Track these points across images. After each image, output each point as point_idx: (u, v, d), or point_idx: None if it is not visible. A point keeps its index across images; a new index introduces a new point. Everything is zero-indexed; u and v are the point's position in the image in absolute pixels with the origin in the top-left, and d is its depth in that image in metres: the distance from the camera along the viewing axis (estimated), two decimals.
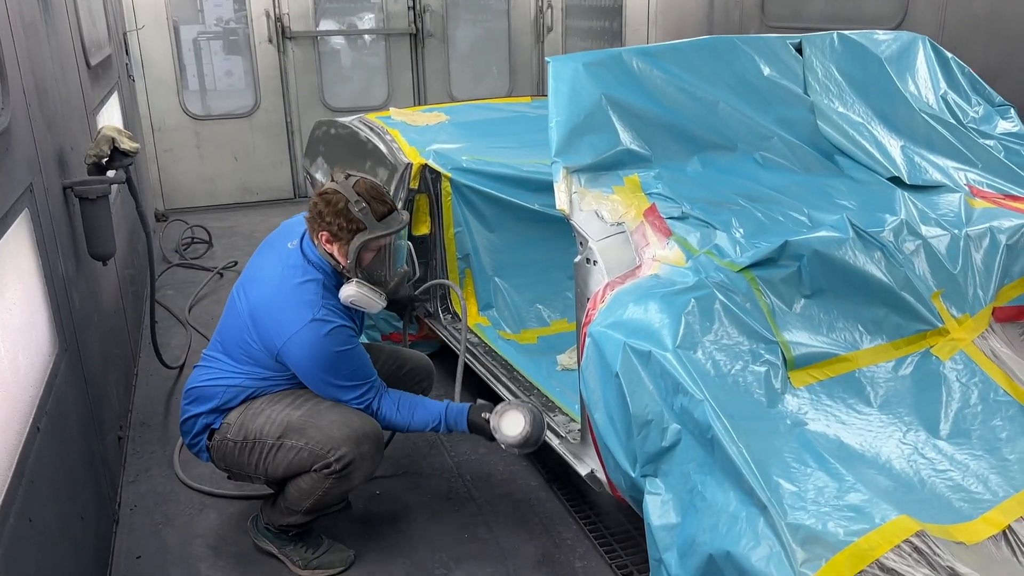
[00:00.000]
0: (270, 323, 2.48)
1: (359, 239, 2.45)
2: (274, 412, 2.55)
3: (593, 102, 2.60)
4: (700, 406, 1.85)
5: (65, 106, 3.30)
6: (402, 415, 2.62)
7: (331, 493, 2.55)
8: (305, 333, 2.43)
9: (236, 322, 2.59)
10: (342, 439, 2.48)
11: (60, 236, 2.73)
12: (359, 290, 2.49)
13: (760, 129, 2.76)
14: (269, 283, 2.54)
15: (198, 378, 2.66)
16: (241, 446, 2.56)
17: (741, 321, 2.06)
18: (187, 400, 2.67)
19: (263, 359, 2.55)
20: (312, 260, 2.54)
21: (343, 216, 2.44)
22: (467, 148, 3.89)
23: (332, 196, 2.47)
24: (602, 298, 2.27)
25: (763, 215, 2.41)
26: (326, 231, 2.48)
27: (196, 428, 2.64)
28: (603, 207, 2.44)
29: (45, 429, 2.13)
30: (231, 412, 2.60)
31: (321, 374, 2.51)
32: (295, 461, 2.51)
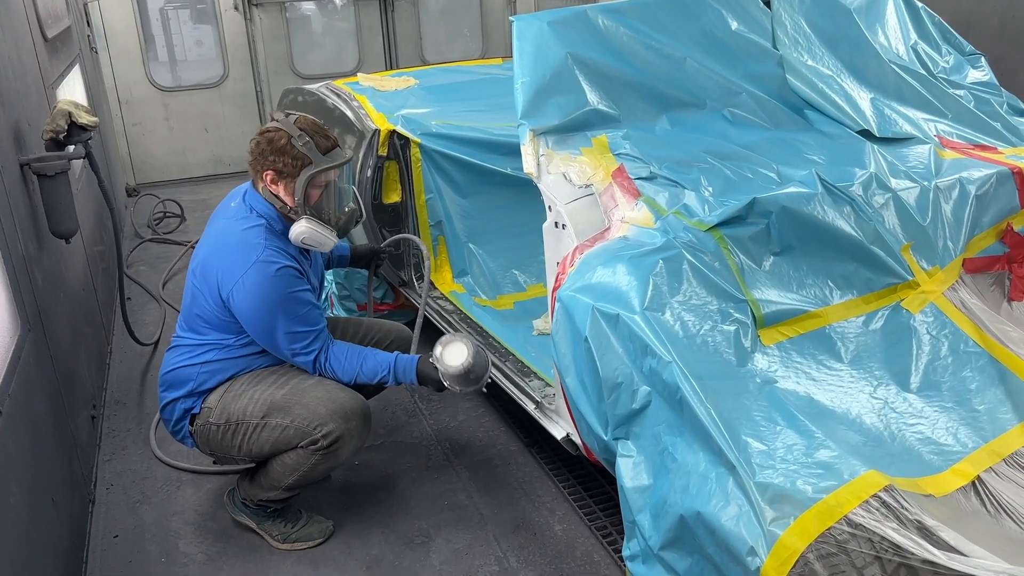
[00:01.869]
0: (216, 274, 2.43)
1: (305, 173, 2.42)
2: (256, 392, 2.52)
3: (559, 62, 2.55)
4: (668, 367, 1.84)
5: (20, 81, 3.20)
6: (350, 365, 2.53)
7: (316, 469, 2.53)
8: (251, 275, 2.37)
9: (191, 291, 2.55)
10: (328, 415, 2.45)
11: (18, 214, 2.66)
12: (309, 226, 2.44)
13: (729, 85, 2.72)
14: (214, 235, 2.51)
15: (169, 363, 2.62)
16: (224, 429, 2.53)
17: (710, 281, 2.05)
18: (163, 387, 2.63)
19: (219, 320, 2.50)
20: (256, 208, 2.50)
21: (287, 153, 2.41)
22: (437, 112, 3.83)
23: (274, 134, 2.44)
24: (571, 262, 2.25)
25: (732, 172, 2.38)
26: (271, 170, 2.44)
27: (176, 414, 2.60)
28: (571, 169, 2.40)
29: (8, 412, 2.09)
30: (210, 395, 2.56)
31: (267, 319, 2.42)
32: (280, 439, 2.49)
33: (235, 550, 2.70)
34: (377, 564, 2.61)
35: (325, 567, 2.61)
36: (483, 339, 3.32)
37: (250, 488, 2.68)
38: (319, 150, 2.44)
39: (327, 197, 2.51)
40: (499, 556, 2.61)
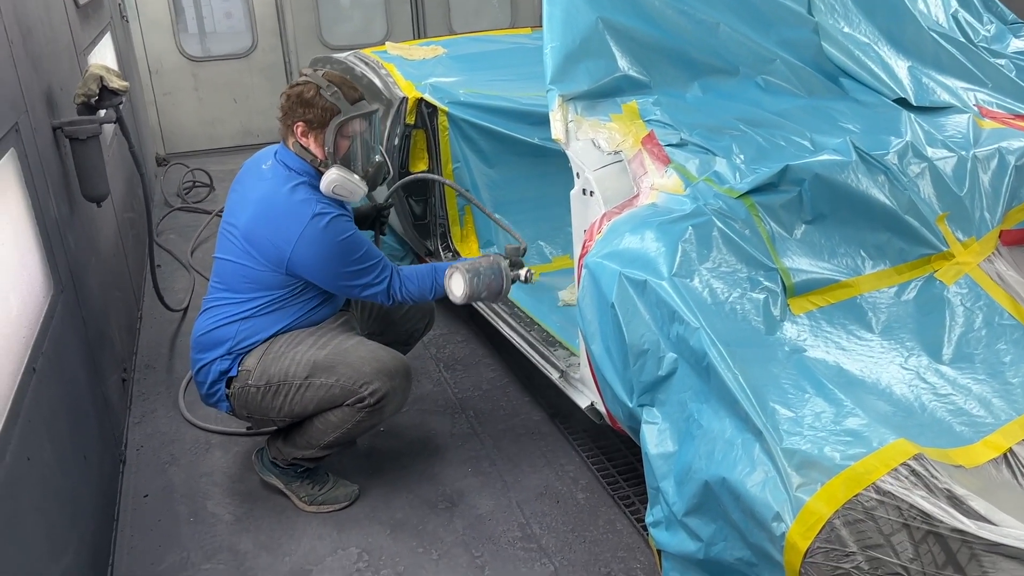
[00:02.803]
0: (272, 235, 2.45)
1: (334, 122, 2.47)
2: (297, 354, 2.53)
3: (589, 26, 2.51)
4: (696, 334, 1.82)
5: (52, 46, 3.23)
6: (423, 281, 2.59)
7: (360, 427, 2.56)
8: (310, 231, 2.41)
9: (233, 253, 2.55)
10: (373, 373, 2.49)
11: (51, 176, 2.69)
12: (340, 174, 2.47)
13: (762, 52, 2.67)
14: (257, 201, 2.51)
15: (204, 324, 2.63)
16: (264, 390, 2.54)
17: (740, 248, 2.02)
18: (197, 350, 2.64)
19: (270, 279, 2.52)
20: (292, 166, 2.53)
21: (316, 104, 2.47)
22: (465, 81, 3.81)
23: (303, 87, 2.49)
24: (599, 229, 2.23)
25: (764, 140, 2.34)
26: (301, 121, 2.49)
27: (211, 376, 2.61)
28: (600, 136, 2.38)
29: (41, 370, 2.12)
30: (247, 358, 2.57)
31: (335, 267, 2.47)
32: (326, 398, 2.51)
33: (261, 511, 2.74)
34: (401, 527, 2.63)
35: (350, 529, 2.64)
36: (509, 309, 3.32)
37: (284, 446, 2.70)
38: (347, 100, 2.48)
39: (356, 148, 2.53)
40: (522, 523, 2.63)
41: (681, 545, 1.87)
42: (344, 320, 2.77)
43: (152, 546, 2.60)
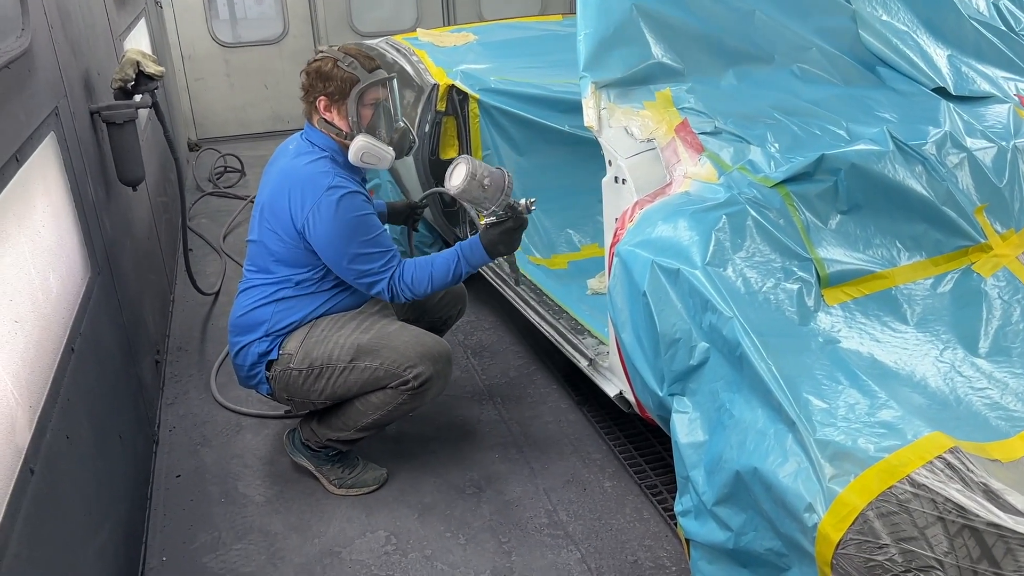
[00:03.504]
0: (288, 204, 2.49)
1: (355, 91, 2.51)
2: (340, 337, 2.56)
3: (623, 13, 2.49)
4: (729, 323, 1.81)
5: (90, 31, 3.27)
6: (421, 272, 2.55)
7: (400, 410, 2.59)
8: (324, 201, 2.44)
9: (259, 232, 2.60)
10: (418, 357, 2.52)
11: (89, 160, 2.73)
12: (366, 140, 2.51)
13: (798, 40, 2.64)
14: (278, 173, 2.57)
15: (241, 306, 2.66)
16: (307, 373, 2.57)
17: (774, 238, 2.01)
18: (235, 332, 2.67)
19: (293, 255, 2.54)
20: (316, 143, 2.57)
21: (335, 76, 2.51)
22: (495, 68, 3.80)
23: (320, 62, 2.55)
24: (631, 217, 2.22)
25: (799, 129, 2.32)
26: (323, 96, 2.53)
27: (250, 358, 2.63)
28: (633, 123, 2.37)
29: (80, 350, 2.16)
30: (288, 341, 2.59)
31: (343, 244, 2.47)
32: (369, 380, 2.54)
33: (292, 493, 2.77)
34: (429, 511, 2.66)
35: (378, 512, 2.66)
36: (537, 297, 3.32)
37: (319, 428, 2.72)
38: (364, 69, 2.52)
39: (379, 116, 2.57)
40: (549, 509, 2.64)
41: (710, 535, 1.87)
42: (383, 305, 2.79)
43: (184, 525, 2.65)
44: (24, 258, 1.91)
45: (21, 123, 2.04)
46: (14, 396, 1.66)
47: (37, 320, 1.91)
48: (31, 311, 1.88)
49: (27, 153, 2.04)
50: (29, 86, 2.17)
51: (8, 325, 1.72)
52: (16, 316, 1.77)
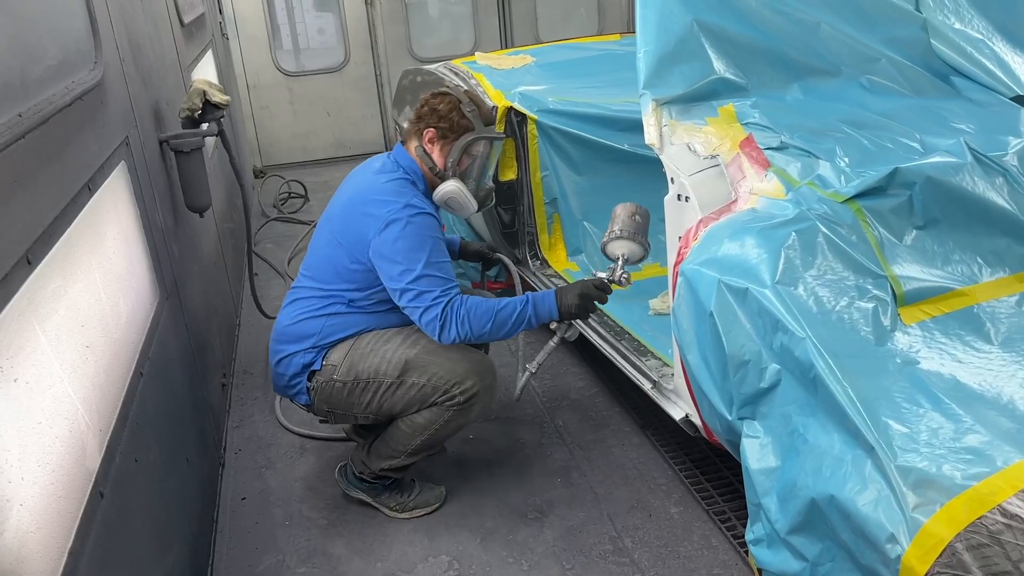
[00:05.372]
0: (362, 217, 2.48)
1: (466, 138, 2.56)
2: (388, 351, 2.54)
3: (684, 29, 2.46)
4: (802, 344, 1.74)
5: (159, 62, 3.36)
6: (486, 308, 2.44)
7: (447, 428, 2.56)
8: (400, 216, 2.42)
9: (324, 241, 2.61)
10: (466, 372, 2.50)
11: (157, 188, 2.80)
12: (459, 187, 2.56)
13: (866, 51, 2.56)
14: (357, 185, 2.58)
15: (291, 315, 2.65)
16: (352, 386, 2.55)
17: (846, 255, 1.93)
18: (280, 340, 2.66)
19: (353, 272, 2.53)
20: (402, 164, 2.59)
21: (455, 114, 2.55)
22: (553, 89, 3.79)
23: (444, 97, 2.60)
24: (695, 235, 2.17)
25: (870, 142, 2.24)
26: (434, 128, 2.56)
27: (293, 368, 2.62)
28: (695, 140, 2.32)
29: (148, 374, 2.20)
30: (332, 352, 2.58)
31: (406, 261, 2.41)
32: (417, 397, 2.52)
33: (354, 516, 2.77)
34: (491, 536, 2.62)
35: (440, 536, 2.64)
36: (598, 317, 3.28)
37: (369, 459, 2.71)
38: (481, 120, 2.59)
39: (473, 168, 2.63)
40: (613, 536, 2.58)
41: (784, 564, 1.79)
42: None
43: (249, 548, 2.66)
44: (95, 284, 1.96)
45: (93, 153, 2.10)
46: (85, 420, 1.69)
47: (107, 345, 1.95)
48: (101, 336, 1.92)
49: (99, 182, 2.09)
50: (101, 117, 2.23)
51: (79, 351, 1.75)
52: (87, 342, 1.81)
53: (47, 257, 1.63)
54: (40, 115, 1.70)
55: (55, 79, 1.89)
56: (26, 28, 1.77)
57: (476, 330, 2.44)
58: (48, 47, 1.91)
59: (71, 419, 1.62)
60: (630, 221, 2.49)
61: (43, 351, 1.55)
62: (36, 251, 1.57)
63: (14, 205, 1.51)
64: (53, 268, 1.67)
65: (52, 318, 1.63)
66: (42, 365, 1.54)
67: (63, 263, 1.74)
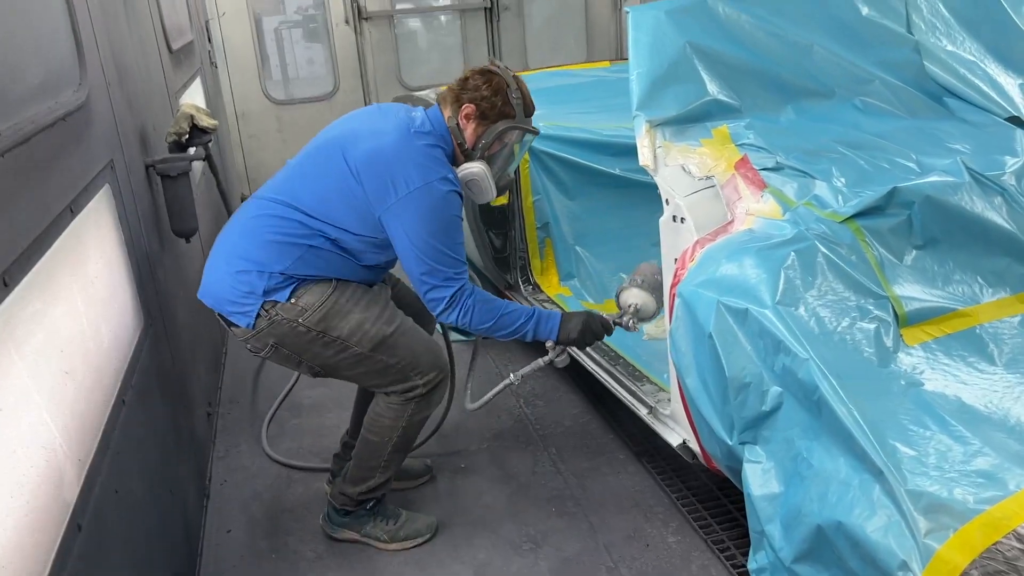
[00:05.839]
0: (393, 172, 2.32)
1: (504, 123, 2.45)
2: (367, 321, 2.42)
3: (677, 51, 2.45)
4: (804, 365, 1.70)
5: (146, 87, 3.33)
6: (494, 305, 2.43)
7: (413, 421, 2.53)
8: (434, 187, 2.32)
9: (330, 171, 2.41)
10: (429, 364, 2.48)
11: (143, 213, 2.75)
12: (484, 170, 2.44)
13: (859, 73, 2.56)
14: (395, 133, 2.39)
15: (258, 229, 2.42)
16: (315, 336, 2.39)
17: (847, 275, 1.90)
18: (239, 253, 2.42)
19: (357, 215, 2.38)
20: (437, 129, 2.44)
21: (500, 96, 2.44)
22: (544, 115, 3.74)
23: (494, 76, 2.47)
24: (691, 257, 2.13)
25: (866, 163, 2.23)
26: (475, 105, 2.43)
27: (248, 287, 2.37)
28: (690, 161, 2.30)
29: (131, 402, 2.13)
30: (305, 293, 2.38)
31: (429, 235, 2.33)
32: (375, 371, 2.46)
33: (343, 548, 2.69)
34: (484, 569, 2.55)
35: (432, 569, 2.56)
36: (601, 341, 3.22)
37: (346, 487, 2.65)
38: (524, 111, 2.49)
39: (501, 155, 2.52)
40: (610, 567, 2.51)
41: None
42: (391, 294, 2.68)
43: None
44: (77, 309, 1.90)
45: (76, 175, 2.05)
46: (63, 449, 1.62)
47: (88, 371, 1.88)
48: (82, 362, 1.86)
49: (82, 204, 2.04)
50: (85, 139, 2.19)
51: (58, 376, 1.69)
52: (67, 367, 1.74)
53: (25, 279, 1.57)
54: (21, 134, 1.65)
55: (38, 99, 1.85)
56: (7, 46, 1.72)
57: (476, 323, 2.41)
58: (31, 66, 1.87)
59: (48, 448, 1.55)
60: (652, 278, 2.54)
61: (19, 376, 1.48)
62: (14, 272, 1.51)
63: None
64: (32, 291, 1.61)
65: (30, 342, 1.57)
66: (18, 391, 1.47)
67: (43, 286, 1.68)
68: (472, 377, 2.94)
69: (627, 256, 3.81)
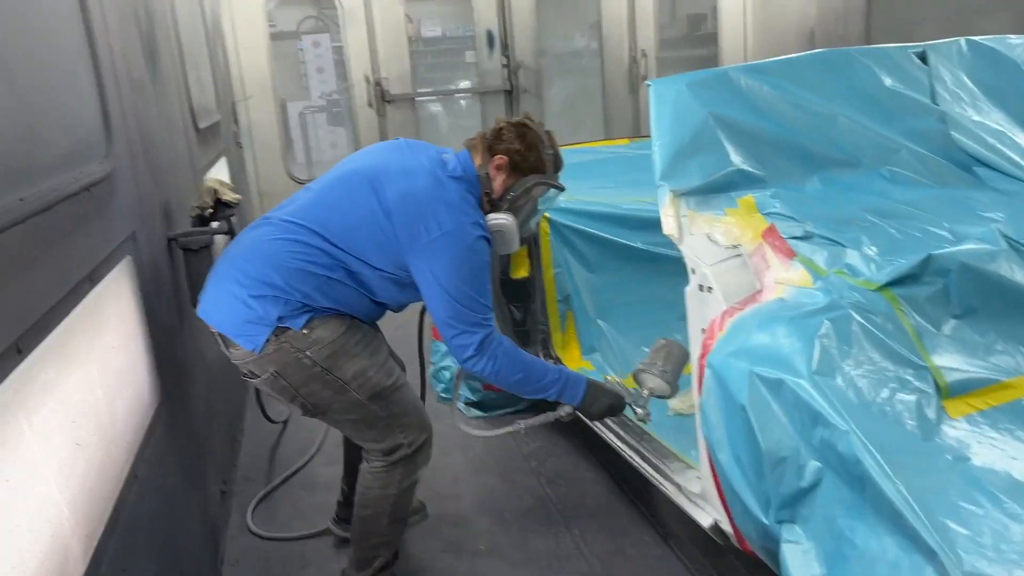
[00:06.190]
0: (425, 213, 2.31)
1: (535, 178, 2.48)
2: (370, 368, 2.38)
3: (699, 122, 2.44)
4: (845, 438, 1.62)
5: (172, 162, 3.37)
6: (522, 357, 2.42)
7: (404, 487, 2.50)
8: (466, 232, 2.31)
9: (359, 203, 2.37)
10: (419, 425, 2.48)
11: (163, 285, 2.73)
12: (511, 222, 2.44)
13: (886, 142, 2.53)
14: (423, 176, 2.37)
15: (286, 250, 2.34)
16: (319, 373, 2.33)
17: (884, 344, 1.83)
18: (258, 276, 2.33)
19: (381, 251, 2.34)
20: (468, 176, 2.44)
21: (533, 151, 2.47)
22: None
23: (529, 130, 2.50)
24: (720, 326, 2.07)
25: (897, 231, 2.18)
26: (508, 157, 2.45)
27: (261, 311, 2.30)
28: (716, 230, 2.26)
29: (143, 477, 2.07)
30: (320, 326, 2.32)
31: (458, 280, 2.31)
32: (364, 422, 2.43)
33: None
34: None
35: None
36: (615, 417, 3.14)
37: (351, 572, 2.60)
38: (554, 166, 2.53)
39: (526, 209, 2.53)
40: None
41: None
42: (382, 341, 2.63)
43: None
44: (91, 379, 1.86)
45: (97, 245, 2.05)
46: (70, 524, 1.55)
47: (100, 444, 1.83)
48: (94, 434, 1.80)
49: (101, 275, 2.03)
50: (108, 210, 2.19)
51: (69, 448, 1.64)
52: (78, 439, 1.69)
53: (40, 347, 1.54)
54: (43, 201, 1.64)
55: (62, 167, 1.85)
56: (35, 115, 1.74)
57: (503, 374, 2.38)
58: (57, 136, 1.88)
59: (55, 522, 1.49)
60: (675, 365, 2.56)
61: (28, 446, 1.43)
62: (28, 340, 1.48)
63: (8, 291, 1.43)
64: (46, 359, 1.57)
65: (41, 412, 1.52)
66: (26, 462, 1.42)
67: (57, 355, 1.65)
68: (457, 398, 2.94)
69: (650, 330, 3.74)
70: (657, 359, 2.54)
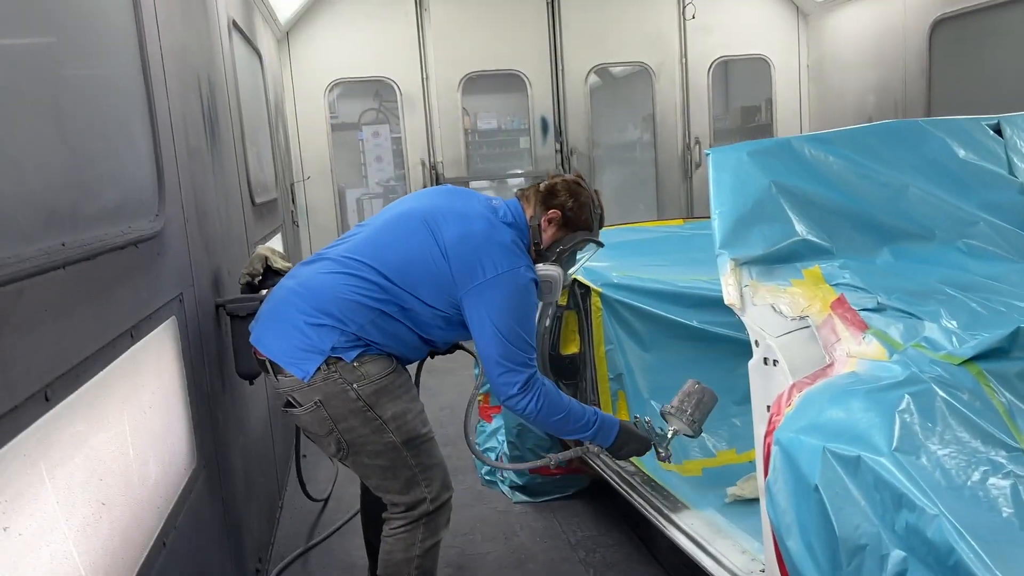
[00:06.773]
0: (481, 255, 2.39)
1: (583, 234, 2.61)
2: (409, 412, 2.43)
3: (761, 190, 2.35)
4: (935, 523, 1.45)
5: (225, 232, 3.38)
6: (563, 401, 2.48)
7: (426, 546, 2.47)
8: (518, 274, 2.40)
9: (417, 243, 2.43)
10: (442, 481, 2.49)
11: (208, 350, 2.69)
12: (559, 273, 2.55)
13: (961, 215, 2.40)
14: (480, 220, 2.47)
15: (343, 284, 2.37)
16: (361, 408, 2.35)
17: (972, 422, 1.66)
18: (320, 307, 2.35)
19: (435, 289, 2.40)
20: (519, 225, 2.55)
21: (584, 209, 2.59)
22: (617, 265, 3.70)
23: (581, 189, 2.62)
24: (788, 401, 1.92)
25: (979, 305, 2.03)
26: (560, 212, 2.56)
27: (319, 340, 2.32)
28: (781, 300, 2.13)
29: (172, 546, 1.97)
30: (371, 361, 2.36)
31: (510, 319, 2.38)
32: (391, 467, 2.42)
33: None
34: None
35: None
36: (670, 504, 2.95)
37: None
38: (598, 224, 2.67)
39: (569, 262, 2.66)
40: None
41: None
42: None
43: None
44: (123, 437, 1.79)
45: (142, 301, 2.01)
46: None
47: (128, 505, 1.74)
48: (122, 495, 1.72)
49: (144, 331, 1.98)
50: (156, 268, 2.17)
51: (93, 507, 1.55)
52: (104, 498, 1.61)
53: (70, 397, 1.48)
54: (87, 250, 1.61)
55: (110, 220, 1.84)
56: (85, 165, 1.73)
57: (545, 414, 2.44)
58: (106, 188, 1.87)
59: None
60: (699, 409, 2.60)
61: (47, 500, 1.35)
62: (57, 388, 1.42)
63: (40, 334, 1.38)
64: (76, 411, 1.51)
65: (65, 465, 1.45)
66: (43, 516, 1.34)
67: (89, 408, 1.59)
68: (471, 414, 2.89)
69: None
70: (687, 406, 2.58)
